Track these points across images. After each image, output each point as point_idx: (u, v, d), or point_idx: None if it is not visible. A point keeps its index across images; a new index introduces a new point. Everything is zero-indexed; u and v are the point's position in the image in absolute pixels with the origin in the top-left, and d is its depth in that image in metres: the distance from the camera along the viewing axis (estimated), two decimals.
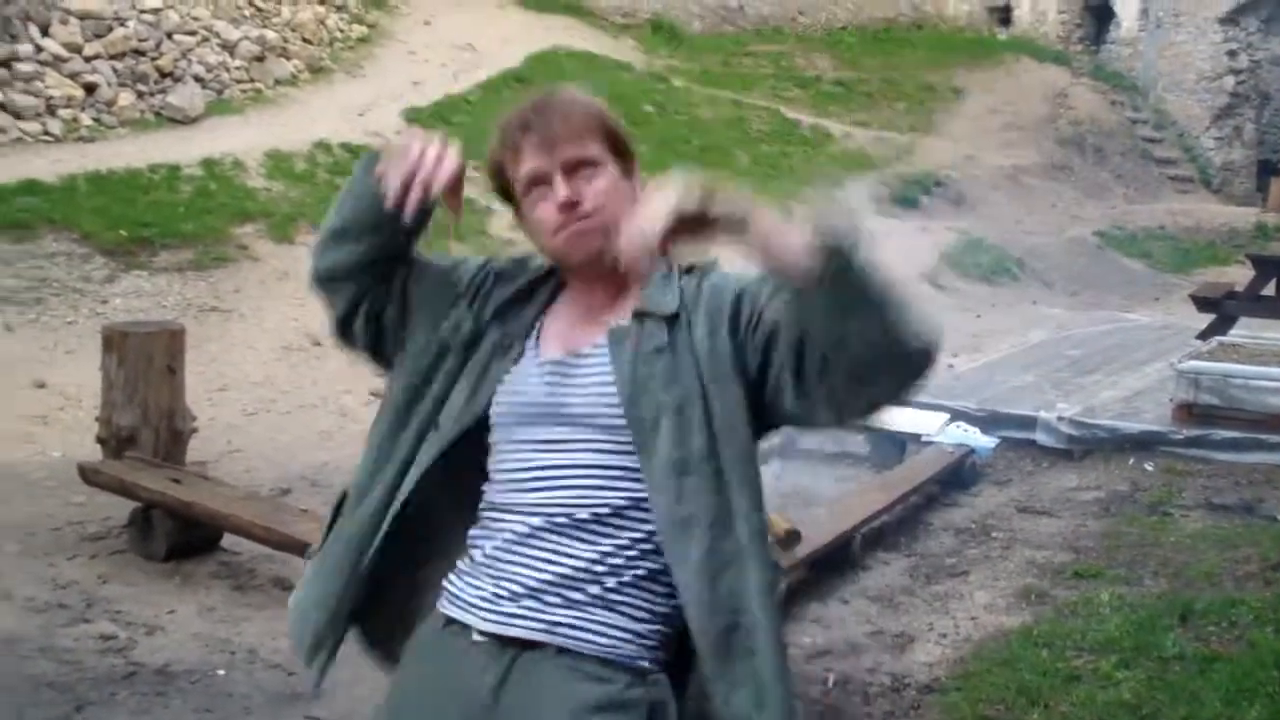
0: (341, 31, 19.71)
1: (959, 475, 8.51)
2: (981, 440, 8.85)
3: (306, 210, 13.55)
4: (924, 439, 8.73)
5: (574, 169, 2.38)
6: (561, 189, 2.39)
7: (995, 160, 21.71)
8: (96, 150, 14.20)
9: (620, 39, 24.02)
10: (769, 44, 25.78)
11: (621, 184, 2.43)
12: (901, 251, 16.42)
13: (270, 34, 18.07)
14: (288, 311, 11.26)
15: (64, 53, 15.38)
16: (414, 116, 17.13)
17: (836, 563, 6.83)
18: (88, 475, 7.00)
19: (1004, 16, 27.23)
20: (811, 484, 8.39)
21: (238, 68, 17.18)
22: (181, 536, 6.68)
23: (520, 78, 19.64)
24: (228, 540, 6.76)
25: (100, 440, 7.21)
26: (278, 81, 17.52)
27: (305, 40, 18.71)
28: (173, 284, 11.49)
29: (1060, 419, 9.32)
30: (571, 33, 22.65)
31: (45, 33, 15.50)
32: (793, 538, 6.39)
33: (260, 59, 17.51)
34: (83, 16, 15.91)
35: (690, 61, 23.89)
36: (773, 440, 7.28)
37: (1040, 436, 9.30)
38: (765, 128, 20.99)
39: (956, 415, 9.14)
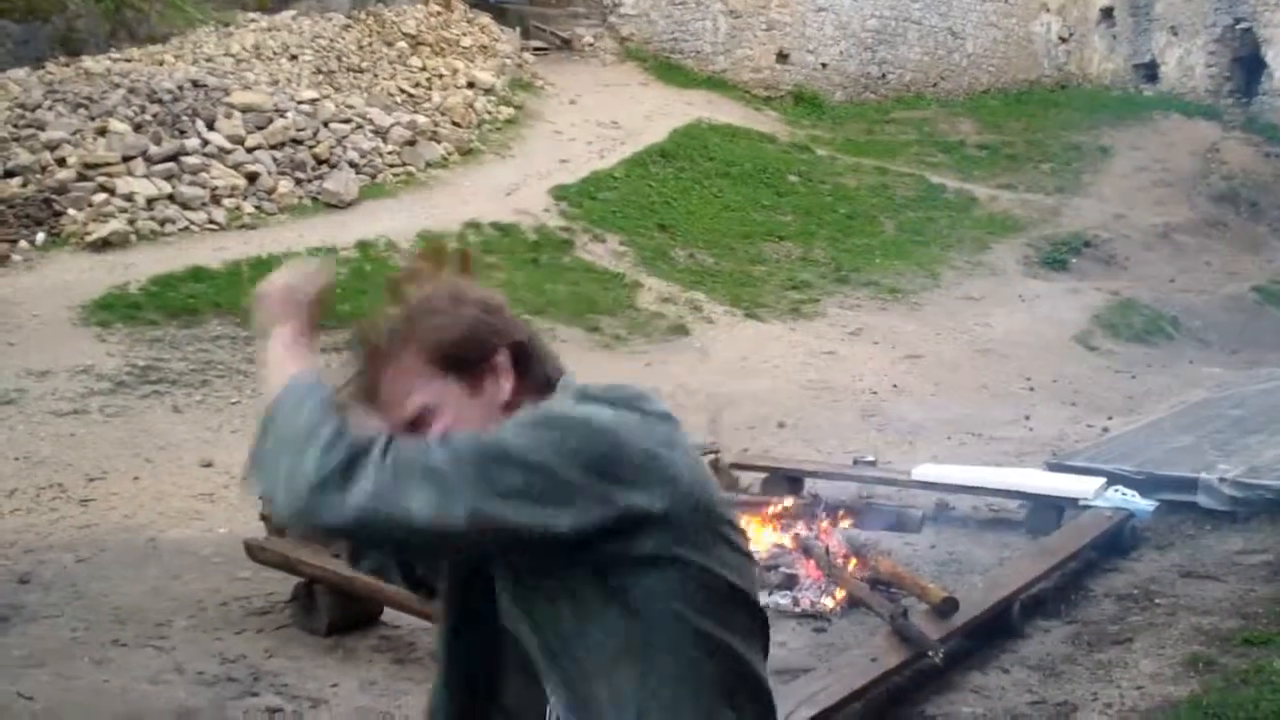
0: (489, 113, 20.17)
1: (1118, 540, 8.36)
2: (1141, 503, 8.69)
3: None
4: (1081, 503, 8.60)
5: (415, 425, 2.13)
6: None
7: (1146, 218, 21.38)
8: (258, 236, 14.70)
9: (763, 111, 24.22)
10: (911, 110, 25.79)
11: (467, 406, 2.13)
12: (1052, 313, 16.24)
13: (421, 119, 18.58)
14: None
15: (228, 145, 16.00)
16: (562, 194, 17.43)
17: (995, 631, 6.75)
18: (253, 552, 7.21)
19: (1150, 73, 26.90)
20: (967, 551, 8.32)
21: (390, 152, 17.67)
22: (343, 611, 6.83)
23: (665, 152, 19.91)
24: (388, 614, 6.90)
25: (264, 518, 7.42)
26: (428, 164, 17.96)
27: (454, 123, 19.18)
28: (331, 364, 11.78)
29: (1223, 480, 9.10)
30: (714, 106, 22.90)
31: (211, 126, 16.15)
32: (949, 605, 6.36)
33: (412, 143, 17.99)
34: (245, 110, 16.56)
35: (833, 130, 23.99)
36: (927, 507, 7.26)
37: (1202, 499, 9.08)
38: (910, 194, 20.96)
39: (1114, 479, 9.00)
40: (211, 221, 15.06)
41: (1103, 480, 8.88)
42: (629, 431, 1.99)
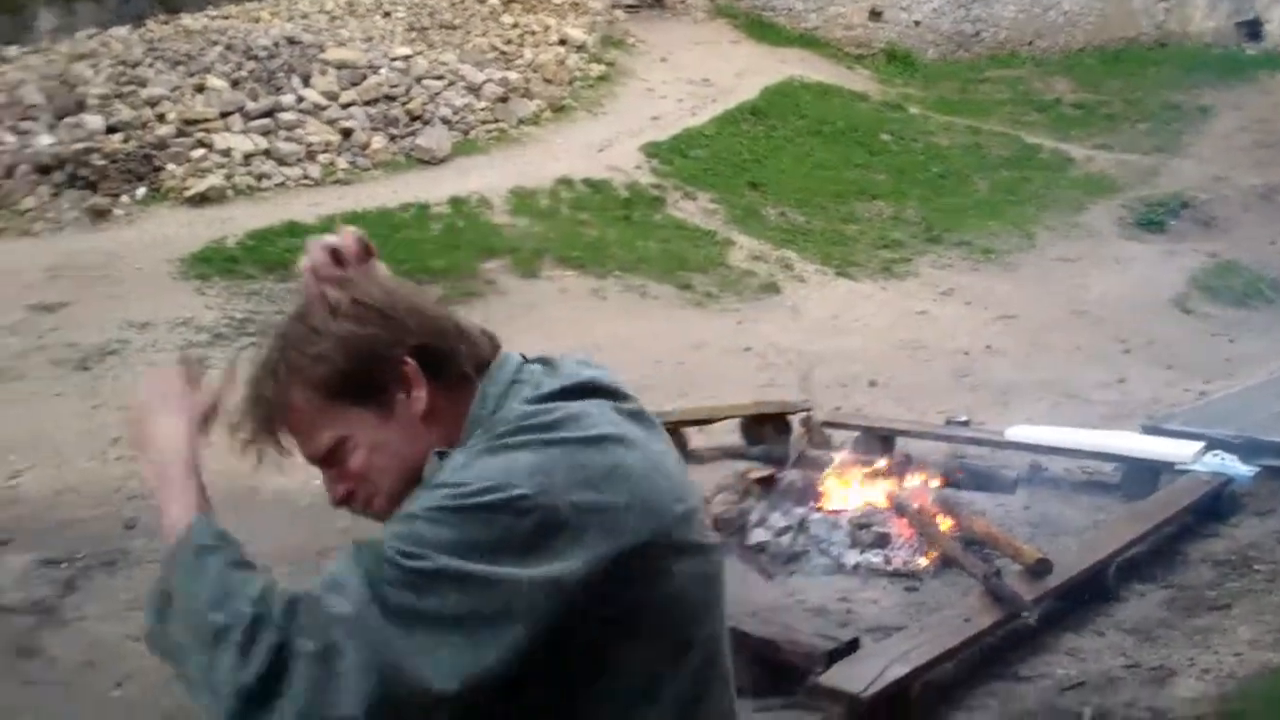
0: (581, 71, 20.16)
1: (1216, 505, 8.24)
2: (1240, 468, 8.56)
3: (551, 245, 13.95)
4: (1178, 467, 8.50)
5: (328, 460, 1.90)
6: (330, 489, 1.96)
7: (1246, 179, 20.93)
8: (352, 192, 14.85)
9: (855, 69, 24.01)
10: (1006, 69, 25.40)
11: (383, 432, 1.86)
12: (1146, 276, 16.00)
13: (513, 75, 18.63)
14: (534, 344, 11.43)
15: (323, 101, 16.17)
16: (653, 151, 17.42)
17: (1089, 594, 6.70)
18: None
19: (1253, 30, 26.29)
20: (1060, 513, 8.24)
21: (482, 109, 17.74)
22: None
23: (756, 110, 19.81)
24: None
25: None
26: (520, 121, 18.01)
27: (546, 80, 19.20)
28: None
29: None
30: (806, 64, 22.73)
31: (306, 83, 16.31)
32: (1043, 567, 6.33)
33: (504, 100, 18.04)
34: (339, 66, 16.71)
35: (926, 89, 23.72)
36: (1021, 468, 7.20)
37: None
38: (1004, 153, 20.68)
39: (1212, 443, 8.86)
40: (306, 177, 15.23)
41: (1200, 444, 8.75)
42: (553, 485, 1.67)
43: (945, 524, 7.18)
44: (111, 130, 15.04)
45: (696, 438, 9.09)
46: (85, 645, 5.90)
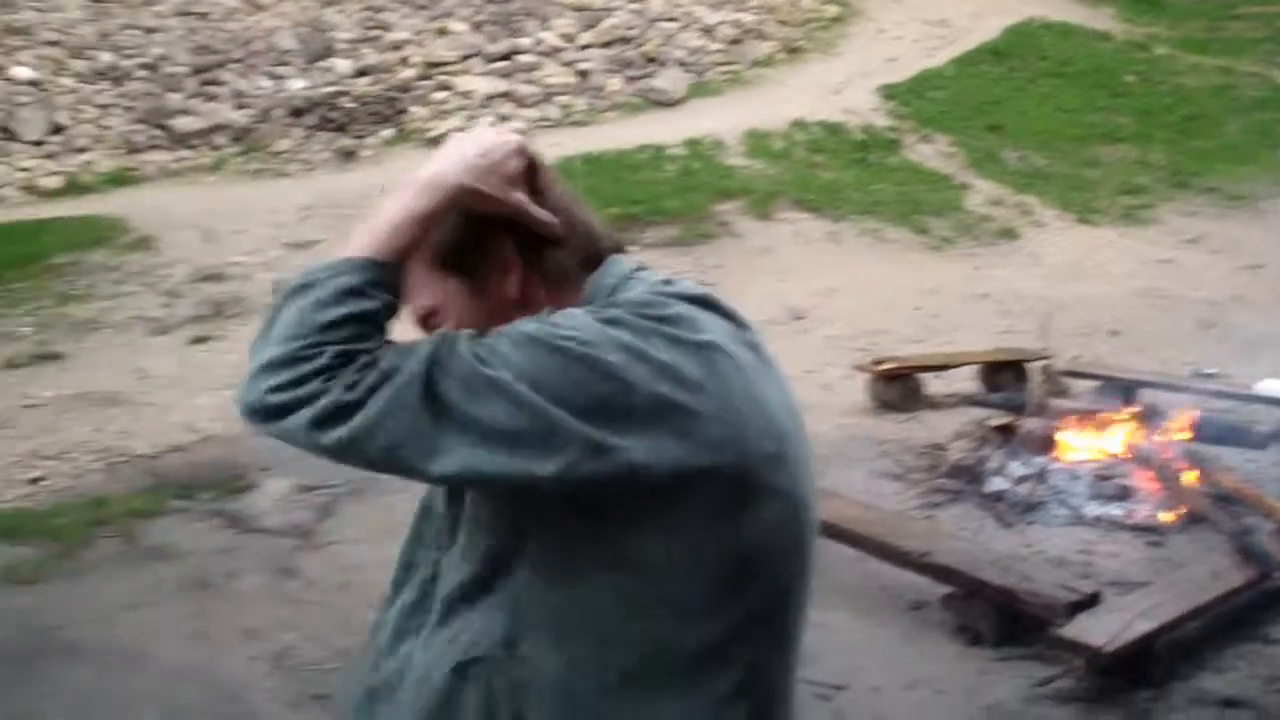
0: (815, 11, 20.00)
1: None
2: None
3: (786, 187, 13.94)
4: None
5: (424, 323, 1.89)
6: None
7: None
8: (589, 133, 15.06)
9: (1098, 7, 23.23)
10: (1262, 4, 24.29)
11: (471, 307, 1.85)
12: None
13: (747, 17, 18.59)
14: (769, 285, 11.61)
15: (560, 43, 16.41)
16: (889, 93, 17.21)
17: None
18: None
19: None
20: None
21: (717, 51, 17.76)
22: None
23: (996, 50, 19.39)
24: None
25: None
26: (755, 63, 17.97)
27: (780, 21, 19.11)
28: (659, 259, 12.02)
29: None
30: (1047, 4, 22.08)
31: (544, 26, 16.56)
32: None
33: (738, 42, 18.03)
34: (577, 8, 16.93)
35: (1173, 28, 22.83)
36: (1272, 424, 6.95)
37: None
38: (1257, 94, 19.82)
39: None
40: (544, 119, 15.50)
41: None
42: (643, 368, 1.67)
43: (1191, 478, 7.01)
44: (359, 74, 15.55)
45: (933, 384, 9.03)
46: (340, 568, 6.17)
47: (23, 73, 14.86)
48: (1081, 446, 7.31)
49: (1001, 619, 5.28)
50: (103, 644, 5.27)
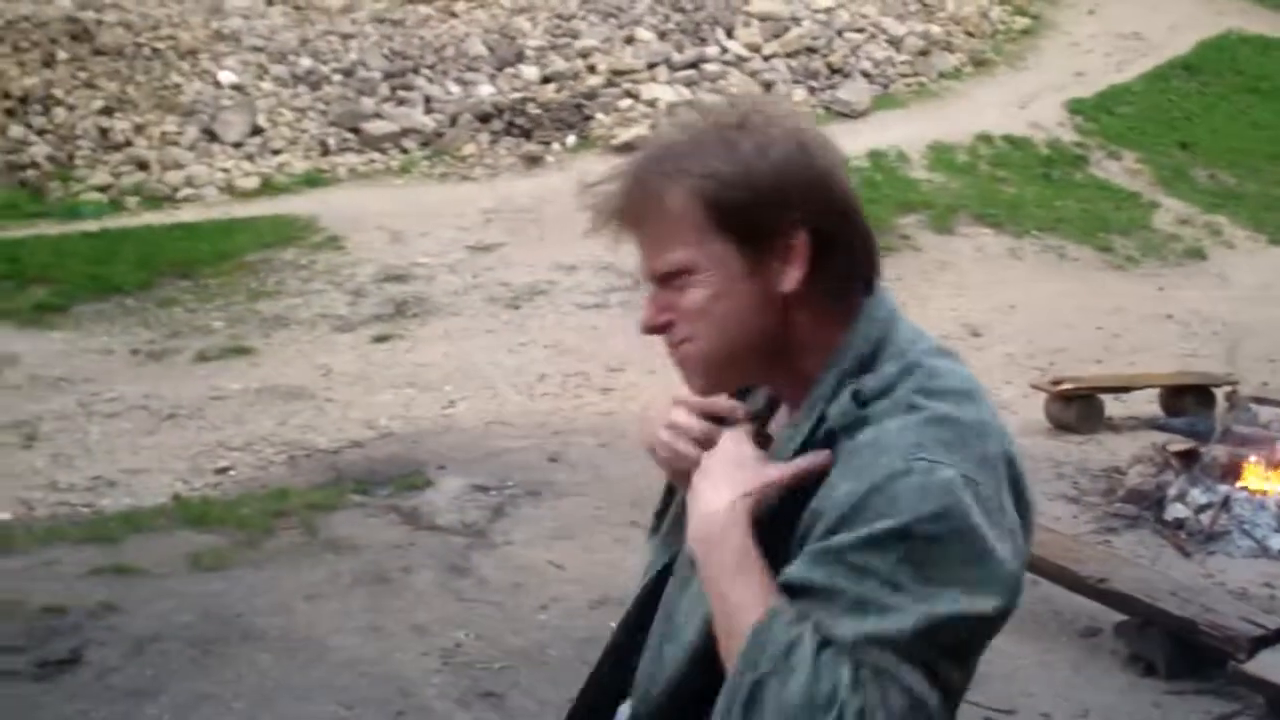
0: (1004, 23, 19.73)
1: None
2: None
3: (968, 201, 13.77)
4: None
5: (667, 280, 1.63)
6: (644, 308, 1.69)
7: None
8: None
9: None
10: None
11: (736, 285, 1.61)
12: None
13: (934, 28, 18.41)
14: (947, 301, 11.48)
15: (745, 53, 16.44)
16: (1077, 108, 16.90)
17: None
18: None
19: None
20: None
21: (903, 62, 17.63)
22: None
23: (1189, 65, 18.91)
24: None
25: None
26: (941, 75, 17.80)
27: (968, 33, 18.89)
28: None
29: None
30: (1246, 16, 21.44)
31: (730, 35, 16.61)
32: None
33: (924, 53, 17.86)
34: (763, 18, 16.94)
35: None
36: None
37: None
38: None
39: None
40: None
41: None
42: (999, 537, 1.49)
43: None
44: (546, 80, 15.78)
45: (1113, 405, 8.84)
46: (513, 568, 6.26)
47: (227, 77, 15.40)
48: (1268, 476, 7.09)
49: (1177, 650, 5.15)
50: (282, 632, 5.42)
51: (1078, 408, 8.60)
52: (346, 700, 4.89)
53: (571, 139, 15.04)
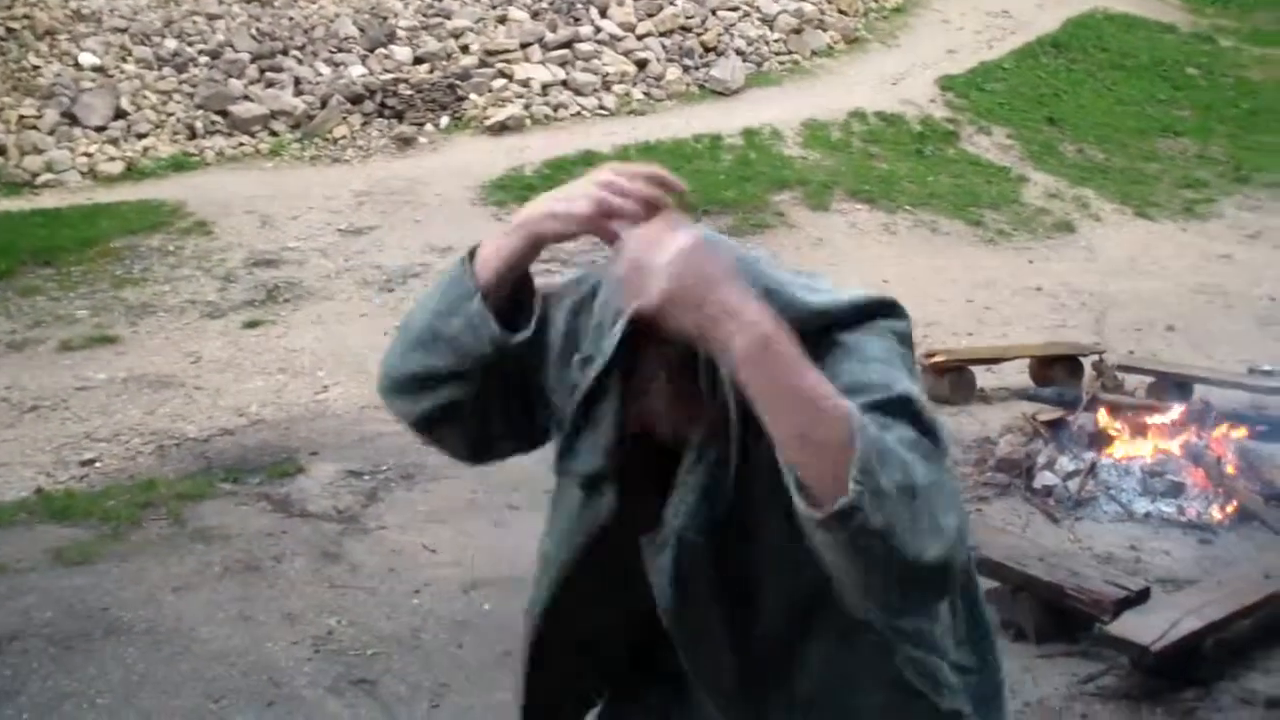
0: (876, 1, 19.88)
1: None
2: None
3: (841, 178, 13.88)
4: None
5: None
6: None
7: None
8: (646, 122, 15.04)
9: None
10: None
11: None
12: None
13: (808, 7, 18.50)
14: None
15: (619, 32, 16.40)
16: (948, 84, 17.10)
17: None
18: None
19: None
20: None
21: (776, 40, 17.70)
22: None
23: (1057, 43, 19.24)
24: None
25: None
26: (814, 52, 17.90)
27: (841, 11, 19.01)
28: None
29: None
30: None
31: (604, 14, 16.56)
32: None
33: (798, 31, 17.95)
34: None
35: (1240, 19, 22.55)
36: None
37: None
38: None
39: None
40: (602, 107, 15.49)
41: None
42: None
43: (1244, 476, 6.93)
44: (418, 61, 15.61)
45: (985, 377, 8.96)
46: (386, 553, 6.19)
47: (88, 59, 15.01)
48: (1133, 442, 7.23)
49: (1047, 615, 5.24)
50: (149, 625, 5.31)
51: (950, 380, 8.69)
52: (215, 692, 4.80)
53: (445, 120, 14.90)
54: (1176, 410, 7.54)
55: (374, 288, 10.90)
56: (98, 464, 7.56)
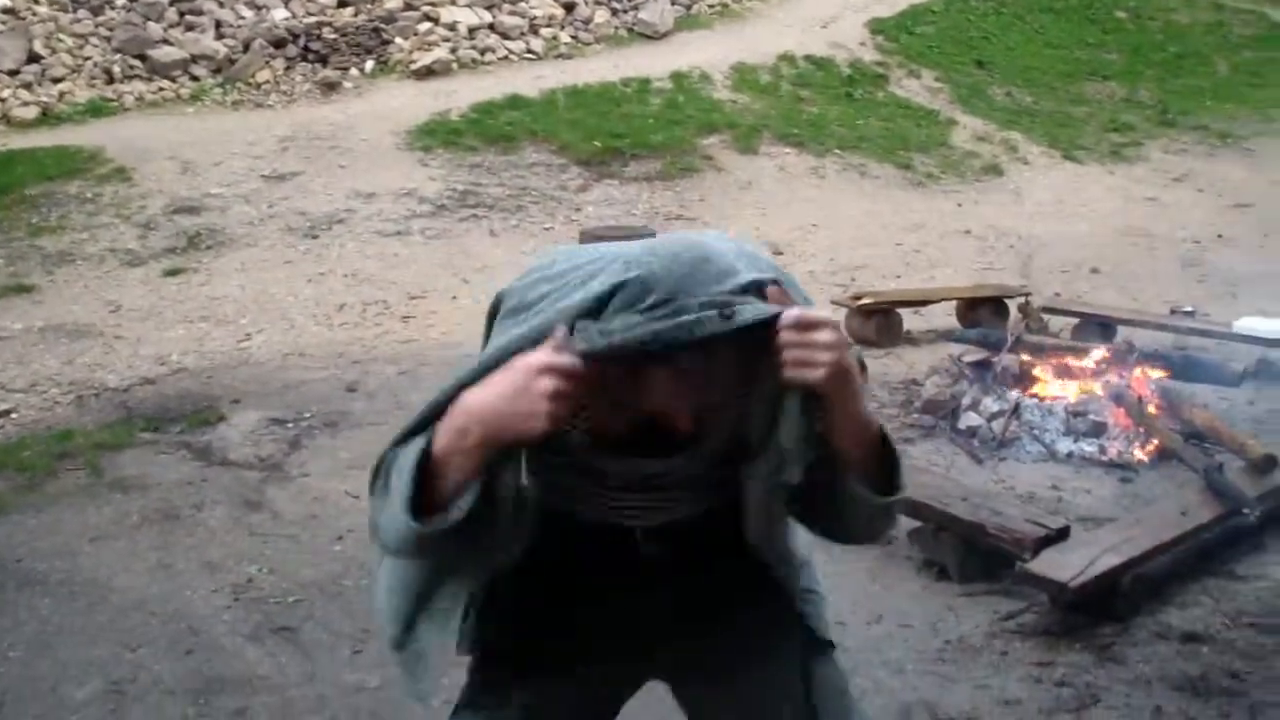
0: None
1: None
2: None
3: (770, 122, 13.83)
4: None
5: None
6: None
7: None
8: (574, 66, 14.92)
9: None
10: None
11: None
12: None
13: None
14: (750, 220, 11.55)
15: None
16: (878, 27, 17.07)
17: None
18: None
19: None
20: None
21: None
22: None
23: None
24: None
25: None
26: None
27: None
28: (641, 193, 11.98)
29: None
30: None
31: None
32: (1269, 463, 6.12)
33: None
34: None
35: None
36: (1247, 362, 6.93)
37: None
38: (1249, 32, 19.71)
39: None
40: (529, 51, 15.35)
41: None
42: None
43: (1164, 415, 6.99)
44: (342, 4, 15.36)
45: (912, 319, 8.99)
46: (308, 500, 6.12)
47: None
48: (1057, 383, 7.27)
49: (969, 554, 5.25)
50: (65, 576, 5.22)
51: (876, 323, 8.71)
52: (132, 641, 4.73)
53: (370, 64, 14.70)
54: (1100, 351, 7.59)
55: (298, 234, 10.76)
56: (14, 415, 7.41)
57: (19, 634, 4.76)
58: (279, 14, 15.12)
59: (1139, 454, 6.70)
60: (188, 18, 14.99)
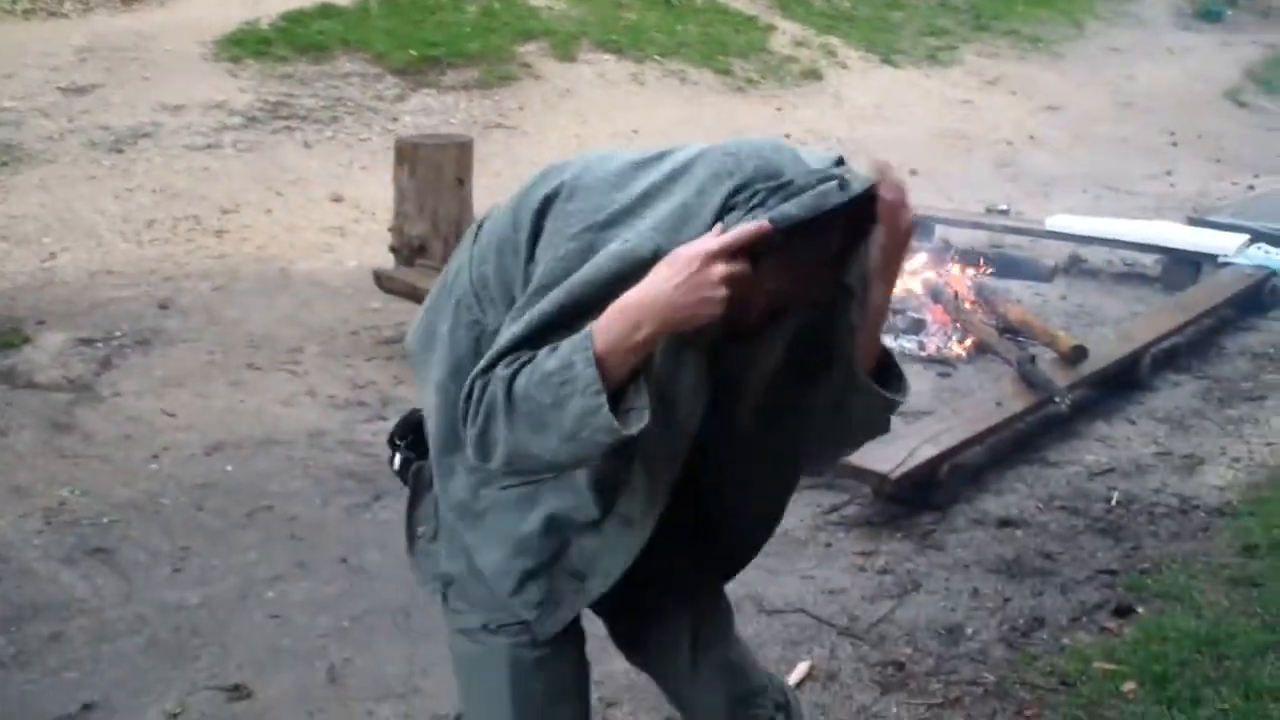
0: None
1: (1258, 298, 8.15)
2: None
3: (589, 28, 13.68)
4: (1220, 260, 8.38)
5: None
6: None
7: None
8: None
9: None
10: None
11: None
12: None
13: None
14: (569, 129, 11.44)
15: None
16: None
17: (1123, 383, 6.67)
18: (382, 282, 7.31)
19: None
20: (1098, 304, 8.19)
21: None
22: None
23: None
24: None
25: (393, 249, 7.49)
26: None
27: None
28: (459, 102, 11.77)
29: None
30: None
31: None
32: (1078, 354, 6.30)
33: None
34: None
35: None
36: (1059, 258, 7.12)
37: None
38: None
39: (1258, 236, 8.72)
40: None
41: (1245, 237, 8.62)
42: None
43: (980, 311, 7.13)
44: None
45: None
46: (122, 420, 5.94)
47: None
48: None
49: None
50: None
51: None
52: None
53: None
54: (918, 250, 7.70)
55: (102, 149, 10.33)
56: None
57: None
58: None
59: (956, 349, 6.84)
60: None
